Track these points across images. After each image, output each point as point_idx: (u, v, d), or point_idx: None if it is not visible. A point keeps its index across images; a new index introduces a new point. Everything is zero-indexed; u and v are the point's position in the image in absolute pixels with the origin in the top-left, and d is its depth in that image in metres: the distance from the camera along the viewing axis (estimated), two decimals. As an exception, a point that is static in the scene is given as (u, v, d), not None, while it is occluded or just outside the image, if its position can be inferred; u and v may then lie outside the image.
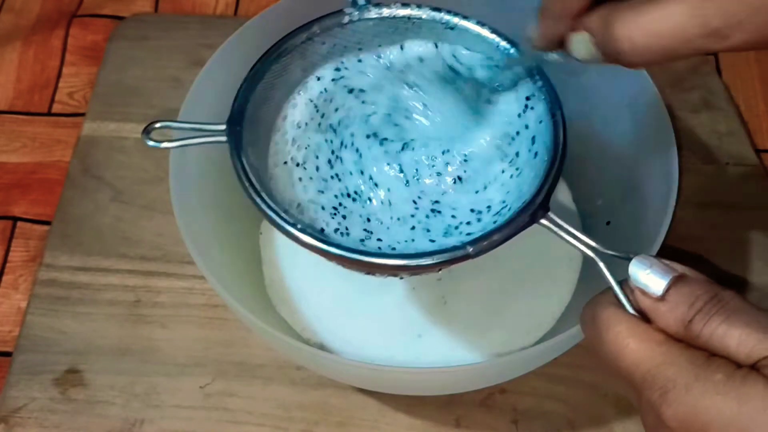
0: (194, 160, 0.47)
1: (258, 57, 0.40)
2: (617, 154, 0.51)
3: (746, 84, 0.65)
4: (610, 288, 0.32)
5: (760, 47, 0.28)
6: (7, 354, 0.54)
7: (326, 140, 0.42)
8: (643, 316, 0.31)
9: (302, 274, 0.53)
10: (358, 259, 0.35)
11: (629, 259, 0.32)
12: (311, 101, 0.42)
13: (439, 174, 0.42)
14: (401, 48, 0.42)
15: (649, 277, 0.31)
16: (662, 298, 0.30)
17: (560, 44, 0.34)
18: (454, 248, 0.35)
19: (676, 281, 0.31)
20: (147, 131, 0.38)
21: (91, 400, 0.51)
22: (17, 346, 0.53)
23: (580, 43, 0.32)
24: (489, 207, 0.40)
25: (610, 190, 0.52)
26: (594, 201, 0.54)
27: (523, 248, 0.53)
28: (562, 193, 0.56)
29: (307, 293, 0.52)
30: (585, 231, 0.33)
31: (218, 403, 0.51)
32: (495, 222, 0.38)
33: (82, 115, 0.63)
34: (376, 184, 0.42)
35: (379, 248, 0.39)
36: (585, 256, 0.34)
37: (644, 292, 0.31)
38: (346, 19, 0.41)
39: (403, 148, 0.43)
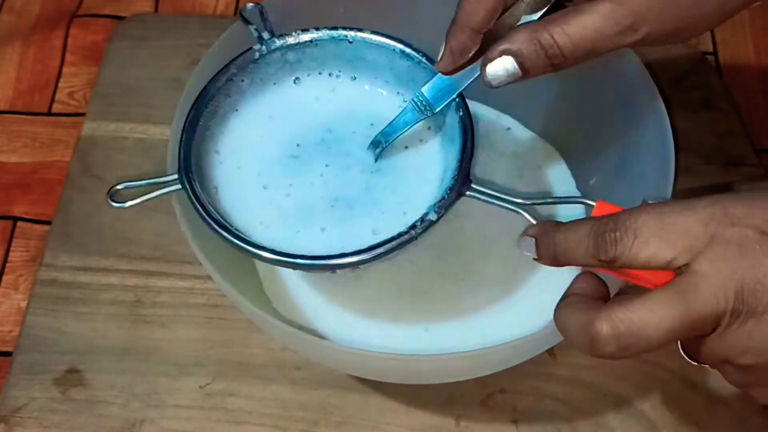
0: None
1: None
2: (617, 155, 0.51)
3: (746, 84, 0.65)
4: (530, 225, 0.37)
5: (664, 39, 0.35)
6: (7, 354, 0.54)
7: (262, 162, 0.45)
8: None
9: None
10: (325, 264, 0.40)
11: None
12: (242, 130, 0.46)
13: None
14: (319, 73, 0.47)
15: (526, 256, 0.36)
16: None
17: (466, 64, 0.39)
18: (400, 235, 0.40)
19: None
20: (110, 194, 0.42)
21: (91, 400, 0.51)
22: (17, 346, 0.53)
23: (500, 67, 0.36)
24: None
25: (610, 191, 0.52)
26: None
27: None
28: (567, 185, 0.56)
29: (304, 287, 0.52)
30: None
31: (218, 403, 0.51)
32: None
33: (82, 115, 0.63)
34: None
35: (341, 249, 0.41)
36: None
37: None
38: (257, 54, 0.45)
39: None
